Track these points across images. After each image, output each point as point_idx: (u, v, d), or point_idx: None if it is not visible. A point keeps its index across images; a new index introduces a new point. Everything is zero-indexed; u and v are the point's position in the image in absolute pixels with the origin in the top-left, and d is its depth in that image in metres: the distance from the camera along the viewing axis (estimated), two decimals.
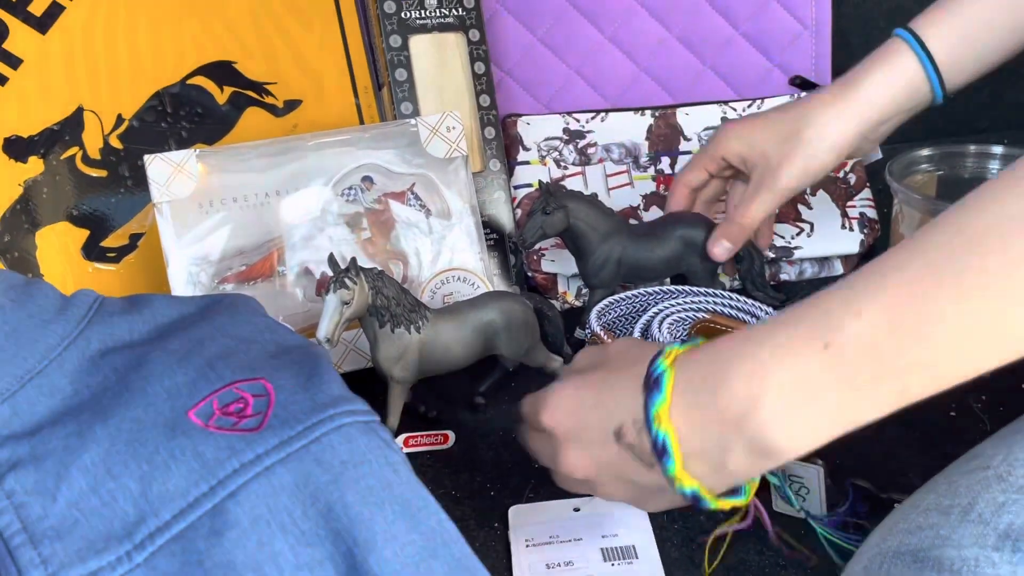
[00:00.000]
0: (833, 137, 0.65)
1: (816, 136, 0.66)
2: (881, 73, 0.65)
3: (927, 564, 0.38)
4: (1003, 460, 0.42)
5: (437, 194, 0.74)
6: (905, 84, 0.65)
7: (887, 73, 0.65)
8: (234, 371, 0.45)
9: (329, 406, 0.43)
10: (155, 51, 0.77)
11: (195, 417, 0.42)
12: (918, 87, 0.65)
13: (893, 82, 0.65)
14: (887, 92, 0.65)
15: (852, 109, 0.65)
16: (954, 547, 0.38)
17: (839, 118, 0.65)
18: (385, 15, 0.79)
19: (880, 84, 0.65)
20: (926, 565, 0.38)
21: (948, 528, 0.40)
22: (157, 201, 0.68)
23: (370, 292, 0.58)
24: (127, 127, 0.76)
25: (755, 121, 0.70)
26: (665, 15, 0.93)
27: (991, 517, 0.39)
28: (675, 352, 0.43)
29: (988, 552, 0.38)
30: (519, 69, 0.91)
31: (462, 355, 0.62)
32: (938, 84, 0.65)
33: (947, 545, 0.39)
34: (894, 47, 0.65)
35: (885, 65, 0.65)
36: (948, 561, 0.38)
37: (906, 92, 0.65)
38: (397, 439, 0.63)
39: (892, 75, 0.65)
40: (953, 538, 0.39)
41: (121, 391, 0.45)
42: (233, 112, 0.79)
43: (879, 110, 0.65)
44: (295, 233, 0.71)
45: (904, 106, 0.66)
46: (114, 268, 0.76)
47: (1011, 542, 0.38)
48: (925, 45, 0.64)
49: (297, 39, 0.81)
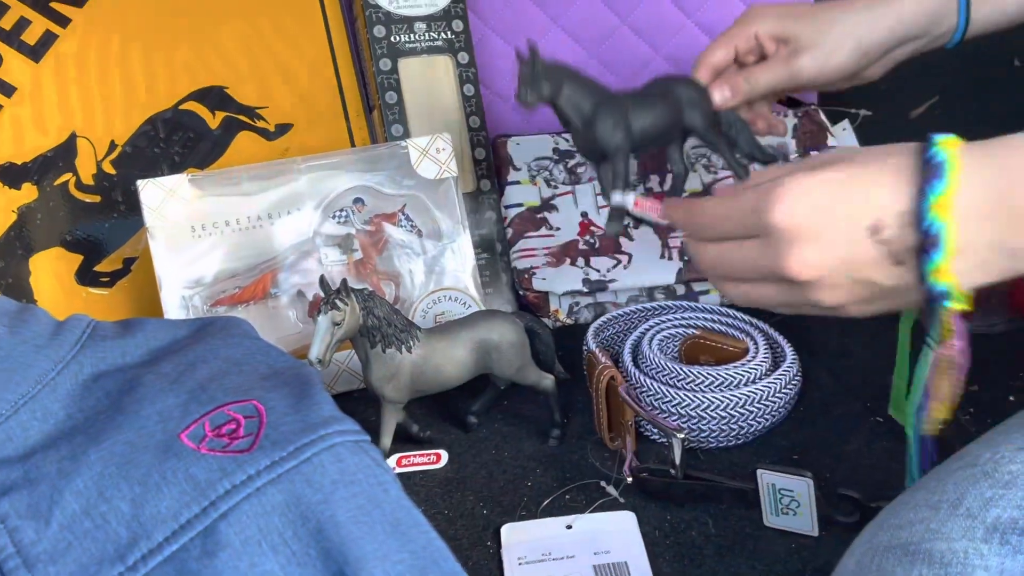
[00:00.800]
0: (860, 38, 0.66)
1: (844, 35, 0.66)
2: None
3: (918, 557, 0.39)
4: (989, 458, 0.43)
5: (428, 215, 0.75)
6: (937, 4, 0.66)
7: None
8: (226, 393, 0.46)
9: (320, 426, 0.43)
10: (148, 77, 0.78)
11: (187, 439, 0.43)
12: (947, 13, 0.66)
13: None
14: (920, 7, 0.66)
15: (885, 16, 0.66)
16: (944, 540, 0.39)
17: (870, 22, 0.66)
18: (375, 39, 0.80)
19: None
20: (917, 558, 0.39)
21: (938, 522, 0.40)
22: (150, 225, 0.69)
23: (361, 313, 0.59)
24: (120, 153, 0.77)
25: (789, 6, 0.71)
26: (651, 35, 0.94)
27: (979, 511, 0.40)
28: (954, 140, 0.42)
29: (977, 544, 0.39)
30: (509, 90, 0.92)
31: (454, 375, 0.63)
32: (964, 16, 0.66)
33: (937, 538, 0.40)
34: None
35: None
36: (938, 553, 0.39)
37: (935, 13, 0.66)
38: (390, 459, 0.64)
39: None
40: (943, 531, 0.40)
41: (114, 414, 0.45)
42: (225, 136, 0.80)
43: (909, 24, 0.67)
44: (287, 255, 0.72)
45: (930, 28, 0.67)
46: (107, 292, 0.76)
47: (999, 535, 0.39)
48: None
49: (288, 63, 0.82)
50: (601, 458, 0.65)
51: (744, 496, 0.58)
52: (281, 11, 0.82)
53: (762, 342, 0.69)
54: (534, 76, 0.62)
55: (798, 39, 0.67)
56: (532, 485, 0.63)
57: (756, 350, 0.68)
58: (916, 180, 0.41)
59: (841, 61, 0.67)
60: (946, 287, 0.42)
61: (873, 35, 0.67)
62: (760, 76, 0.68)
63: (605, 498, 0.61)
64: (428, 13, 0.82)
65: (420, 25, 0.81)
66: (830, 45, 0.67)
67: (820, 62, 0.67)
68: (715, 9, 0.95)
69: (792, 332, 0.71)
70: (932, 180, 0.41)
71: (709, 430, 0.64)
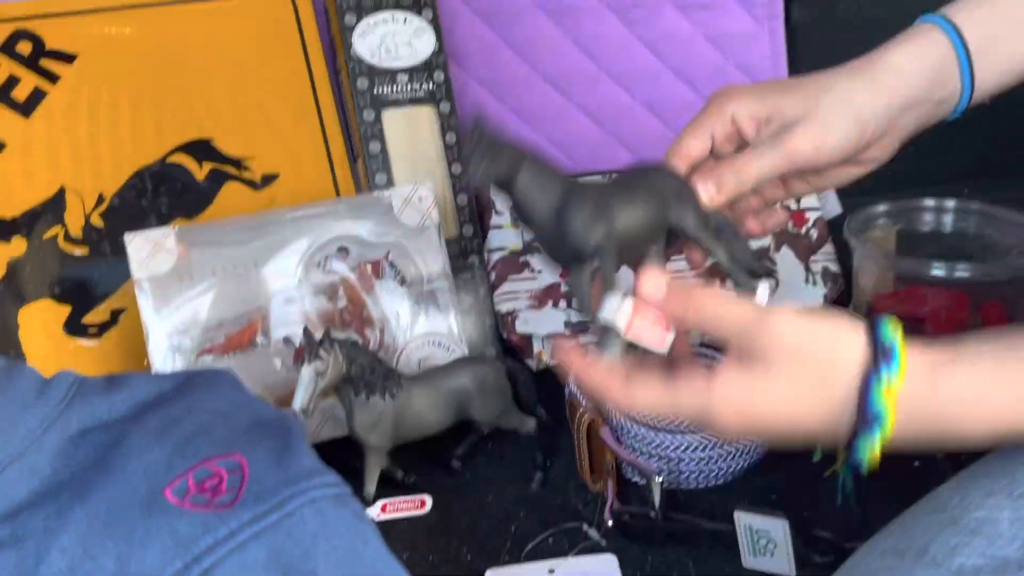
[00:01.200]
0: (858, 106, 0.56)
1: (838, 102, 0.56)
2: (912, 46, 0.57)
3: None
4: (958, 504, 0.44)
5: (411, 261, 0.76)
6: (937, 63, 0.57)
7: (918, 47, 0.57)
8: (210, 447, 0.46)
9: (301, 479, 0.44)
10: (136, 131, 0.80)
11: (171, 495, 0.44)
12: (949, 73, 0.57)
13: (925, 55, 0.56)
14: (919, 67, 0.56)
15: (881, 80, 0.56)
16: None
17: (866, 88, 0.56)
18: (359, 91, 0.82)
19: (911, 57, 0.56)
20: None
21: (903, 571, 0.41)
22: (137, 278, 0.70)
23: (344, 362, 0.60)
24: (108, 205, 0.78)
25: (766, 82, 0.61)
26: (629, 82, 0.97)
27: (944, 559, 0.41)
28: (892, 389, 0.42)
29: None
30: None
31: (435, 421, 0.64)
32: (968, 75, 0.57)
33: None
34: (921, 28, 0.57)
35: (914, 41, 0.57)
36: None
37: (936, 73, 0.57)
38: (374, 505, 0.64)
39: (923, 50, 0.57)
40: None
41: (100, 470, 0.46)
42: (212, 187, 0.81)
43: (908, 87, 0.56)
44: (274, 304, 0.73)
45: (933, 93, 0.57)
46: (96, 344, 0.77)
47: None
48: (958, 28, 0.57)
49: (274, 115, 0.84)
50: (584, 500, 0.66)
51: (723, 537, 0.59)
52: (266, 64, 0.84)
53: None
54: (484, 152, 0.47)
55: (783, 115, 0.56)
56: (516, 529, 0.64)
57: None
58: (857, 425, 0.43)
59: (840, 135, 0.55)
60: (867, 459, 0.43)
61: (870, 102, 0.56)
62: (749, 164, 0.56)
63: (587, 541, 0.62)
64: (410, 65, 0.84)
65: (402, 77, 0.84)
66: (823, 116, 0.55)
67: (815, 137, 0.55)
68: (691, 57, 0.98)
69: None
70: (868, 429, 0.42)
71: (688, 471, 0.65)
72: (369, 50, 0.83)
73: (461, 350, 0.75)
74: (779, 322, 0.44)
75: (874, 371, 0.42)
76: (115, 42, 0.80)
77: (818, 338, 0.44)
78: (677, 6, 0.96)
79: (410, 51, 0.84)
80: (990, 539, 0.40)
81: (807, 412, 0.44)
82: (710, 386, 0.45)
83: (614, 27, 0.96)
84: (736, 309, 0.45)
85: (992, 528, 0.40)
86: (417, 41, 0.84)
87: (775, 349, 0.44)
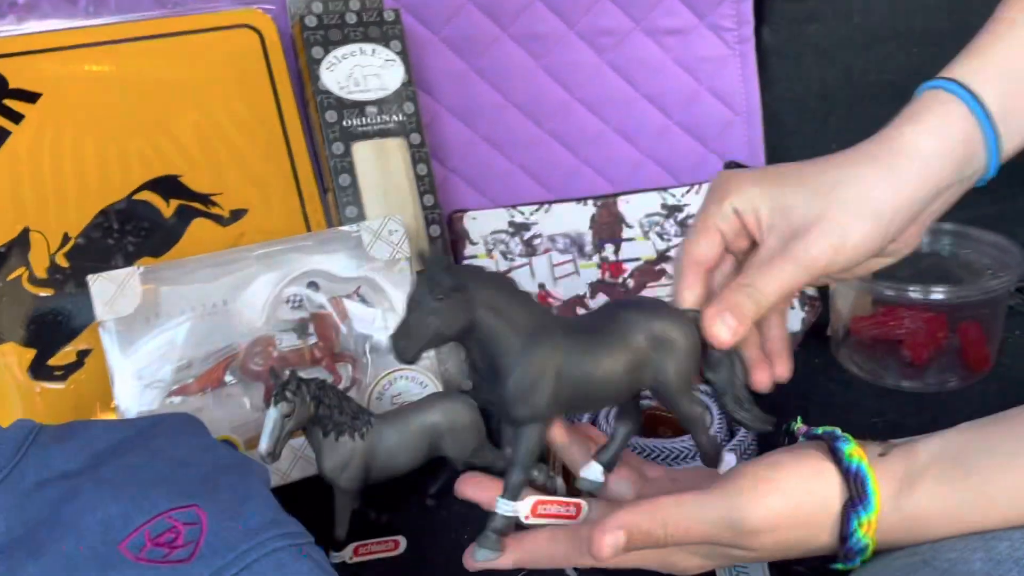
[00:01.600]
0: (877, 203, 0.48)
1: (854, 200, 0.48)
2: (933, 124, 0.49)
3: None
4: (931, 545, 0.43)
5: (383, 296, 0.75)
6: (961, 141, 0.49)
7: (939, 125, 0.49)
8: (168, 499, 0.45)
9: (261, 531, 0.43)
10: (101, 169, 0.79)
11: (126, 550, 0.42)
12: (975, 148, 0.49)
13: (947, 134, 0.49)
14: (942, 148, 0.49)
15: (902, 169, 0.48)
16: None
17: (884, 181, 0.48)
18: (327, 124, 0.82)
19: (933, 138, 0.49)
20: None
21: None
22: (101, 319, 0.68)
23: (311, 403, 0.59)
24: (73, 245, 0.77)
25: (767, 169, 0.52)
26: (601, 108, 0.96)
27: None
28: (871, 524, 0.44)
29: None
30: (463, 166, 0.94)
31: (407, 460, 0.63)
32: (995, 145, 0.50)
33: None
34: (936, 100, 0.50)
35: (932, 118, 0.49)
36: None
37: (962, 152, 0.49)
38: (346, 549, 0.63)
39: (944, 128, 0.49)
40: None
41: (54, 525, 0.45)
42: (180, 225, 0.80)
43: (933, 174, 0.49)
44: (242, 342, 0.72)
45: (962, 171, 0.50)
46: (62, 386, 0.76)
47: None
48: (977, 96, 0.49)
49: (242, 149, 0.83)
50: None
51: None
52: (233, 98, 0.83)
53: (716, 412, 0.69)
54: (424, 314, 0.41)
55: (791, 215, 0.48)
56: (492, 569, 0.63)
57: (711, 420, 0.69)
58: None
59: (859, 238, 0.48)
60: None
61: (891, 198, 0.48)
62: (765, 284, 0.48)
63: None
64: (379, 97, 0.83)
65: (371, 109, 0.83)
66: (839, 218, 0.47)
67: (832, 244, 0.47)
68: (662, 83, 0.98)
69: None
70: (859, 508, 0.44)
71: None
72: (337, 83, 0.82)
73: (435, 385, 0.74)
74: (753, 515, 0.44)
75: (852, 512, 0.43)
76: (79, 80, 0.79)
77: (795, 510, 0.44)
78: (647, 32, 0.96)
79: (379, 82, 0.83)
80: None
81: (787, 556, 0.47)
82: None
83: (585, 54, 0.96)
84: (706, 514, 0.44)
85: (964, 568, 0.40)
86: (385, 73, 0.84)
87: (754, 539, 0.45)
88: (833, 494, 0.44)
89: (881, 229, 0.48)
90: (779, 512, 0.44)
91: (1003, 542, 0.41)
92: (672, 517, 0.43)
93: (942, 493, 0.43)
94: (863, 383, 0.82)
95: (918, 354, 0.80)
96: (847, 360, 0.85)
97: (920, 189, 0.49)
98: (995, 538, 0.41)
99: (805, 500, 0.44)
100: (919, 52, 1.05)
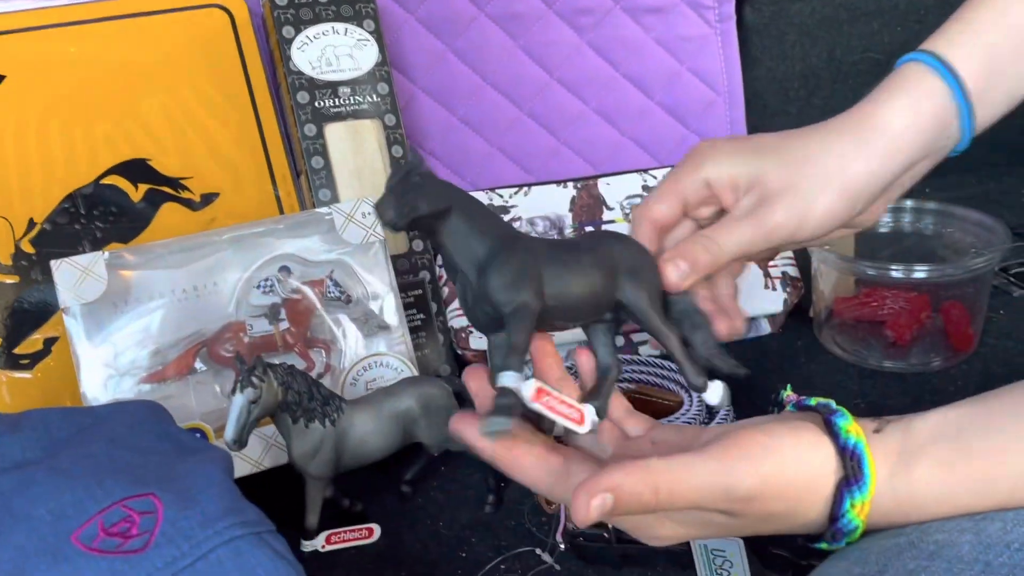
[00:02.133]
0: (847, 177, 0.49)
1: (824, 172, 0.49)
2: (906, 99, 0.50)
3: None
4: (918, 527, 0.42)
5: (357, 279, 0.74)
6: (934, 116, 0.50)
7: (913, 100, 0.50)
8: (124, 487, 0.44)
9: (218, 519, 0.41)
10: (67, 153, 0.77)
11: (78, 541, 0.41)
12: (948, 123, 0.50)
13: (921, 109, 0.49)
14: (915, 123, 0.49)
15: (873, 144, 0.49)
16: None
17: (856, 154, 0.49)
18: (299, 105, 0.80)
19: (906, 113, 0.49)
20: None
21: None
22: (66, 306, 0.67)
23: (279, 389, 0.57)
24: (39, 231, 0.75)
25: (746, 139, 0.52)
26: (581, 89, 0.95)
27: None
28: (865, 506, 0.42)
29: None
30: (441, 149, 0.92)
31: (379, 446, 0.61)
32: (969, 121, 0.50)
33: None
34: (913, 73, 0.50)
35: (907, 93, 0.50)
36: None
37: (935, 128, 0.50)
38: (318, 537, 0.62)
39: (919, 103, 0.49)
40: None
41: (4, 517, 0.43)
42: (149, 209, 0.78)
43: (904, 148, 0.50)
44: (212, 328, 0.70)
45: (933, 145, 0.50)
46: (29, 375, 0.74)
47: None
48: (954, 71, 0.49)
49: (212, 132, 0.81)
50: (538, 523, 0.64)
51: (679, 558, 0.57)
52: (203, 80, 0.81)
53: (696, 395, 0.68)
54: (409, 188, 0.42)
55: (765, 183, 0.49)
56: (467, 556, 0.62)
57: (690, 403, 0.68)
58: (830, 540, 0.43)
59: (824, 211, 0.49)
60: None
61: (862, 171, 0.49)
62: (724, 240, 0.50)
63: (541, 565, 0.60)
64: (352, 78, 0.82)
65: (344, 90, 0.81)
66: (807, 189, 0.49)
67: (797, 213, 0.49)
68: (643, 63, 0.96)
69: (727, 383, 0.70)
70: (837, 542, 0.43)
71: None
72: (309, 63, 0.80)
73: (412, 371, 0.73)
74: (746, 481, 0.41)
75: (847, 491, 0.41)
76: (44, 61, 0.77)
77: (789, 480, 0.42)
78: (627, 11, 0.95)
79: (352, 63, 0.82)
80: (950, 563, 0.38)
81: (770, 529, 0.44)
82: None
83: (564, 34, 0.94)
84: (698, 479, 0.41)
85: (952, 551, 0.39)
86: (359, 53, 0.82)
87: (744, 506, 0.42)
88: (827, 470, 0.42)
89: (848, 202, 0.49)
90: (773, 480, 0.41)
91: (994, 523, 0.39)
92: (664, 481, 0.41)
93: (940, 476, 0.41)
94: (846, 364, 0.81)
95: (901, 334, 0.79)
96: (830, 341, 0.84)
97: (890, 163, 0.49)
98: (986, 519, 0.40)
99: (800, 471, 0.42)
100: (903, 30, 1.04)
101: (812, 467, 0.42)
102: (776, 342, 0.85)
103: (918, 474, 0.41)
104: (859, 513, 0.41)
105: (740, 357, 0.49)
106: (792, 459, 0.42)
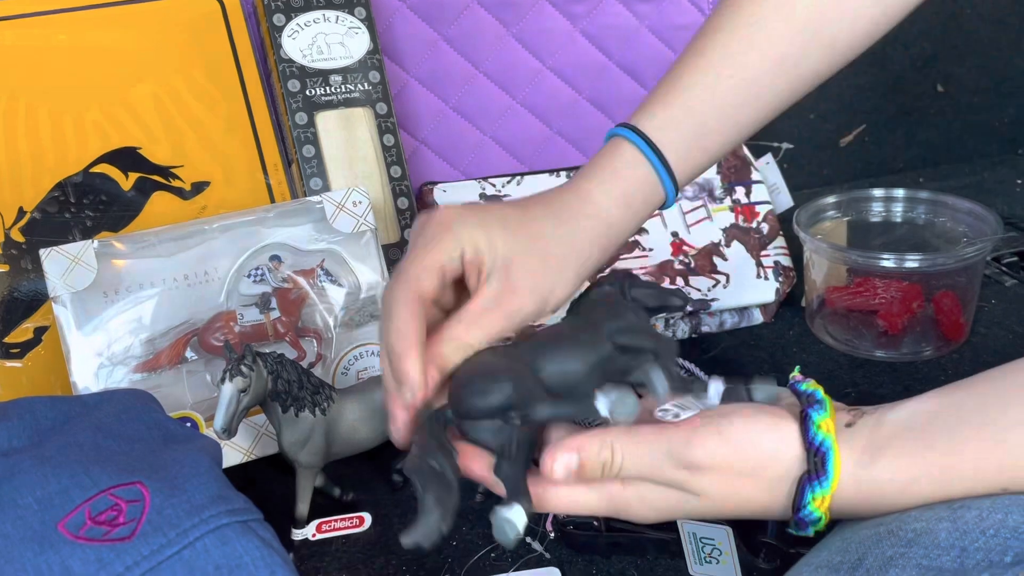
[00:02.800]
0: (582, 262, 0.52)
1: (563, 257, 0.51)
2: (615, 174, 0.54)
3: None
4: (896, 516, 0.42)
5: (348, 269, 0.74)
6: (638, 187, 0.54)
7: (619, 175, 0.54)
8: (111, 475, 0.44)
9: (205, 508, 0.41)
10: (57, 142, 0.76)
11: (64, 529, 0.41)
12: (653, 188, 0.55)
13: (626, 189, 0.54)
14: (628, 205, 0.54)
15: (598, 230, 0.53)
16: None
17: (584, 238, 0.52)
18: (290, 93, 0.80)
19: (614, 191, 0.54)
20: None
21: None
22: (55, 295, 0.67)
23: (269, 377, 0.57)
24: (29, 220, 0.75)
25: (487, 211, 0.51)
26: (574, 78, 0.94)
27: (878, 571, 0.39)
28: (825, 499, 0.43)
29: None
30: (433, 137, 0.92)
31: (370, 435, 0.61)
32: (670, 182, 0.55)
33: None
34: (617, 148, 0.55)
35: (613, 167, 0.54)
36: None
37: (642, 195, 0.55)
38: (309, 525, 0.62)
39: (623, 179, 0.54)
40: None
41: None
42: (139, 198, 0.78)
43: (627, 228, 0.55)
44: (203, 317, 0.70)
45: (644, 215, 0.56)
46: (20, 364, 0.74)
47: None
48: (652, 144, 0.54)
49: (203, 120, 0.81)
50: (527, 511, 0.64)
51: (668, 546, 0.57)
52: (194, 67, 0.81)
53: None
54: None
55: (510, 269, 0.49)
56: (457, 544, 0.62)
57: None
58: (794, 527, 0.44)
59: (563, 295, 0.51)
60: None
61: (595, 257, 0.52)
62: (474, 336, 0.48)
63: (531, 554, 0.60)
64: (343, 66, 0.81)
65: (336, 78, 0.81)
66: (551, 276, 0.50)
67: (541, 299, 0.50)
68: (636, 51, 0.96)
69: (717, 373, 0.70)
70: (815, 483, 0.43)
71: None
72: (299, 51, 0.80)
73: None
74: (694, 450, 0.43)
75: (808, 485, 0.42)
76: (33, 49, 0.77)
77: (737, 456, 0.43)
78: None
79: (343, 51, 0.81)
80: (927, 549, 0.38)
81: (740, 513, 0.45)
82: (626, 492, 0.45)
83: (557, 22, 0.94)
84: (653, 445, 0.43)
85: (929, 539, 0.39)
86: (350, 41, 0.82)
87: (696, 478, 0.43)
88: (789, 455, 0.43)
89: (579, 281, 0.52)
90: (719, 453, 0.43)
91: (971, 511, 0.40)
92: (623, 443, 0.43)
93: (902, 466, 0.42)
94: (838, 353, 0.81)
95: (893, 324, 0.80)
96: (822, 331, 0.84)
97: (612, 246, 0.54)
98: (963, 507, 0.40)
99: (750, 450, 0.43)
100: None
101: (764, 448, 0.43)
102: (768, 331, 0.85)
103: (881, 466, 0.42)
104: (820, 506, 0.43)
105: (733, 346, 0.49)
106: (743, 437, 0.43)
